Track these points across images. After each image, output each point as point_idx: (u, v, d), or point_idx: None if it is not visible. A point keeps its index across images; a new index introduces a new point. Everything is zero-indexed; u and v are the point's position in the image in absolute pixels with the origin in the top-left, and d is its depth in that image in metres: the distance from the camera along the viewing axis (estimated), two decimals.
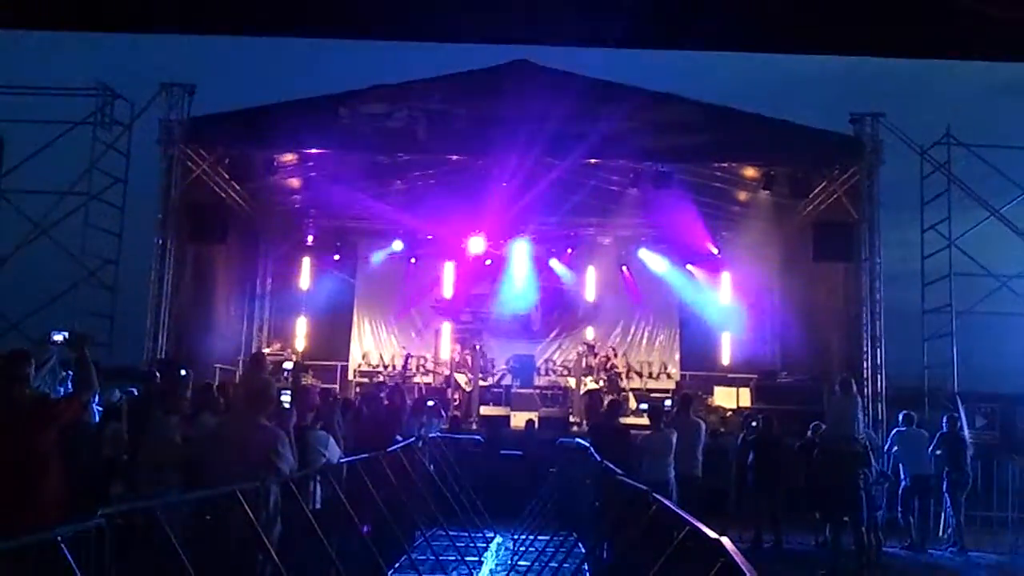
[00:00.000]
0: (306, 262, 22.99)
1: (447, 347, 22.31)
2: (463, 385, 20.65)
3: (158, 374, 11.80)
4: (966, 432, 14.47)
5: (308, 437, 8.20)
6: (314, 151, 18.48)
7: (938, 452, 13.92)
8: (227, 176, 18.72)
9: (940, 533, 14.13)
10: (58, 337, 7.61)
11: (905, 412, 14.55)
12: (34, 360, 6.21)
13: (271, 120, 17.24)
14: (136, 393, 10.60)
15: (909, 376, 17.36)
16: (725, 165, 19.05)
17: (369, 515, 8.87)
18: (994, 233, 17.12)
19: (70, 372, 8.96)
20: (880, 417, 16.36)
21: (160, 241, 16.89)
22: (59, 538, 3.97)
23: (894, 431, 14.48)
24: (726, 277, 22.90)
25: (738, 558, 3.80)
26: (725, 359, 22.62)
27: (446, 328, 22.80)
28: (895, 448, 14.18)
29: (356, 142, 17.50)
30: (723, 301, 22.86)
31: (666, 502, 6.39)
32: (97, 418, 9.41)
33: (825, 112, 18.52)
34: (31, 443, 5.70)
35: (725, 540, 4.06)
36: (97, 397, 8.66)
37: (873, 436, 14.01)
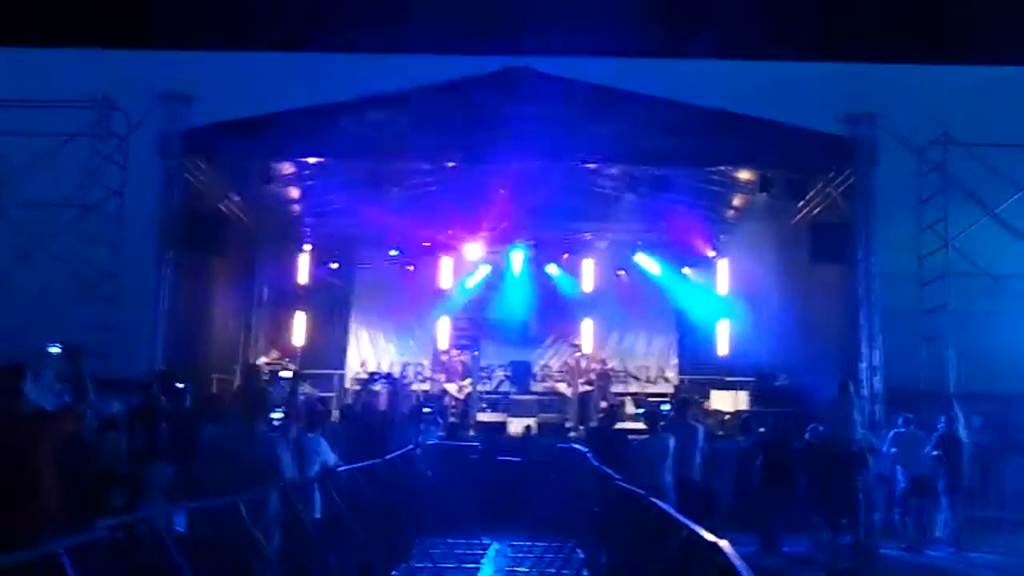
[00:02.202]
0: (304, 265, 23.00)
1: (444, 343, 22.41)
2: (455, 393, 20.73)
3: (157, 385, 11.79)
4: (963, 433, 14.47)
5: (300, 442, 8.23)
6: (312, 160, 18.53)
7: (935, 453, 13.92)
8: (224, 186, 18.74)
9: (938, 534, 14.13)
10: (53, 349, 7.61)
11: (904, 415, 14.57)
12: (31, 373, 6.22)
13: (269, 130, 17.26)
14: (135, 404, 10.62)
15: (906, 377, 17.36)
16: (721, 169, 19.08)
17: (368, 523, 8.88)
18: (991, 232, 17.13)
19: (66, 384, 8.97)
20: (877, 418, 16.37)
21: (158, 252, 16.91)
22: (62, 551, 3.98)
23: (892, 432, 14.47)
24: (723, 280, 22.95)
25: (737, 561, 3.82)
26: (722, 361, 22.60)
27: (443, 327, 22.86)
28: (893, 449, 14.18)
29: (353, 150, 17.49)
30: (720, 303, 22.90)
31: (664, 506, 6.41)
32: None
33: (820, 111, 18.52)
34: (28, 456, 5.70)
35: (724, 543, 4.08)
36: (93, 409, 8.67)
37: (871, 437, 14.02)
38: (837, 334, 18.25)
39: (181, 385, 12.98)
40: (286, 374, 18.30)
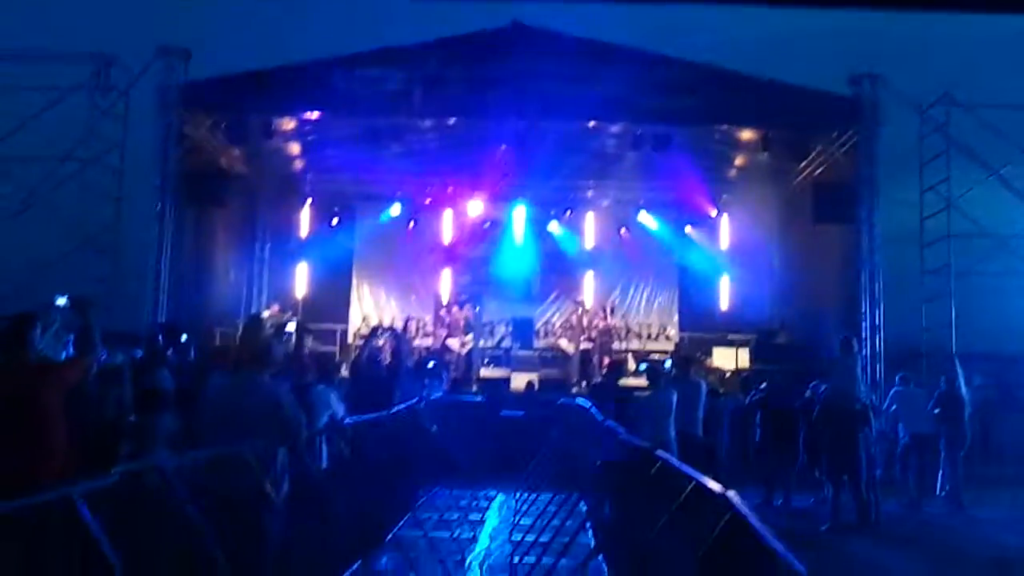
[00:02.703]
0: (305, 219, 23.01)
1: (446, 299, 22.50)
2: (457, 349, 20.80)
3: (160, 337, 11.79)
4: (964, 390, 14.54)
5: (309, 395, 8.23)
6: (311, 115, 18.45)
7: (936, 410, 13.99)
8: (225, 140, 18.68)
9: (938, 490, 14.24)
10: (61, 300, 7.60)
11: (902, 373, 14.64)
12: (40, 323, 6.21)
13: (268, 84, 17.20)
14: (139, 356, 10.62)
15: (908, 337, 17.42)
16: (723, 127, 19.01)
17: (374, 474, 8.93)
18: (993, 193, 17.12)
19: (72, 335, 8.97)
20: (879, 377, 16.43)
21: (159, 206, 16.88)
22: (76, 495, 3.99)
23: (892, 390, 14.55)
24: (724, 239, 22.97)
25: (745, 511, 3.83)
26: (724, 319, 22.64)
27: (445, 280, 22.90)
28: (894, 407, 14.27)
29: (353, 106, 17.43)
30: (722, 262, 22.94)
31: (670, 458, 6.43)
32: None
33: (823, 71, 18.43)
34: (37, 406, 5.73)
35: (731, 493, 4.09)
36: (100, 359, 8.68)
37: (871, 396, 14.08)
38: (838, 293, 18.28)
39: (184, 337, 13.00)
40: (291, 327, 18.31)
